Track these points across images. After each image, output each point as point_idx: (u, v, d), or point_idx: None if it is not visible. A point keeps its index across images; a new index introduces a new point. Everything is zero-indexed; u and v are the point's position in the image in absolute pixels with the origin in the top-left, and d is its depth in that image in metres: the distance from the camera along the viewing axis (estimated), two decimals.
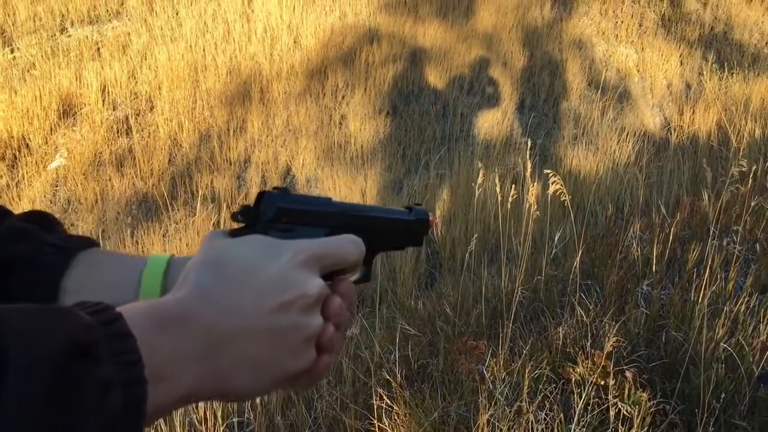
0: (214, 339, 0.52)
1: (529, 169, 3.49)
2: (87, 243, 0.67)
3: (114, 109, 7.06)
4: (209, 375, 0.52)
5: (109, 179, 6.30)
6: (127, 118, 6.94)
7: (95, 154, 6.54)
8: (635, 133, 6.21)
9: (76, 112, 6.76)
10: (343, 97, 6.91)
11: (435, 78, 7.00)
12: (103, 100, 6.92)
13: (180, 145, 6.62)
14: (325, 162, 6.31)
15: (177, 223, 5.48)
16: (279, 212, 0.60)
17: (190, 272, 0.56)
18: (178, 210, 5.69)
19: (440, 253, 4.88)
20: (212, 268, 0.56)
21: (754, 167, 3.01)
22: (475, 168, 5.61)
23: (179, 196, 5.96)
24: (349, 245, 0.63)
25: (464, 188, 5.37)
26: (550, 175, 2.77)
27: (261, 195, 0.61)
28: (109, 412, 0.42)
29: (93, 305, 0.46)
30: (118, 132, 6.66)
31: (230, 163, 6.34)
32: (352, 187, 5.84)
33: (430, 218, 0.78)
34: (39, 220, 0.67)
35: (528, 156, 3.49)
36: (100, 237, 5.47)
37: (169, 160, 6.51)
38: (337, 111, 6.80)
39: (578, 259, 3.10)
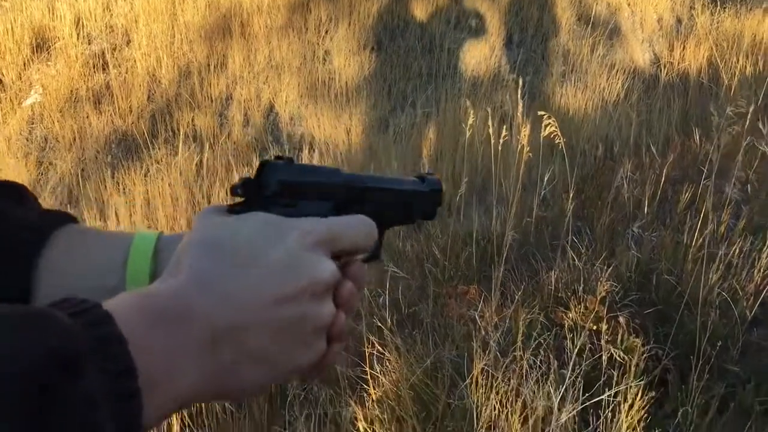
0: (214, 333, 0.46)
1: (520, 109, 3.40)
2: (64, 218, 0.58)
3: (89, 43, 6.82)
4: (210, 375, 0.46)
5: (87, 117, 6.13)
6: (103, 52, 6.71)
7: (71, 91, 6.35)
8: (625, 70, 6.10)
9: (50, 47, 6.52)
10: (326, 32, 6.71)
11: (420, 12, 6.80)
12: (78, 34, 6.68)
13: (159, 81, 6.43)
14: (308, 99, 6.16)
15: (158, 162, 5.35)
16: (282, 185, 0.52)
17: (184, 255, 0.49)
18: (159, 149, 5.55)
19: None
20: (210, 251, 0.49)
21: (752, 107, 2.93)
22: (462, 106, 5.50)
23: (159, 134, 5.82)
24: (361, 226, 0.56)
25: (451, 127, 5.27)
26: (545, 117, 2.69)
27: (263, 165, 0.53)
28: (98, 430, 0.35)
29: (76, 303, 0.39)
30: (94, 67, 6.45)
31: (211, 101, 6.18)
32: (337, 126, 5.72)
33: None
34: (8, 192, 0.58)
35: (519, 96, 3.39)
36: (79, 176, 5.35)
37: (148, 97, 6.33)
38: (320, 46, 6.61)
39: (571, 199, 3.05)
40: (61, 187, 5.50)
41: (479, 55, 6.44)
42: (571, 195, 3.08)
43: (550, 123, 2.60)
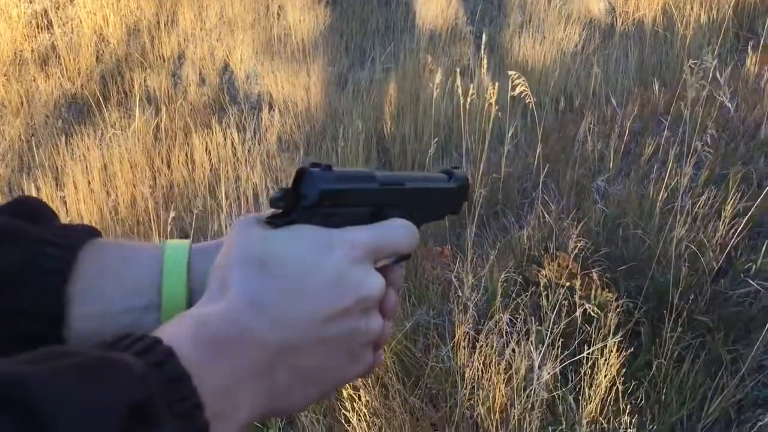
0: (269, 356, 0.45)
1: (484, 65, 3.39)
2: (88, 234, 0.55)
3: (31, 2, 6.54)
4: (266, 396, 0.45)
5: (34, 79, 5.91)
6: (46, 11, 6.45)
7: (15, 53, 6.10)
8: (581, 20, 6.11)
9: None
10: None
11: None
12: None
13: (107, 40, 6.22)
14: (264, 56, 6.03)
15: (113, 126, 5.20)
16: (322, 195, 0.51)
17: (229, 274, 0.47)
18: (112, 111, 5.39)
19: (390, 150, 4.80)
20: (258, 271, 0.47)
21: (715, 62, 2.97)
22: (422, 61, 5.46)
23: (111, 96, 5.65)
24: (402, 231, 0.56)
25: (411, 82, 5.23)
26: (515, 76, 2.68)
27: (301, 174, 0.52)
28: None
29: (136, 340, 0.38)
30: (38, 27, 6.20)
31: (164, 60, 6.00)
32: (295, 83, 5.62)
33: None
34: (26, 211, 0.54)
35: (483, 51, 3.38)
36: (31, 143, 5.17)
37: (97, 58, 6.12)
38: (274, 1, 6.45)
39: (538, 155, 3.08)
40: (11, 154, 5.31)
41: (436, 8, 6.37)
42: (538, 150, 3.10)
43: (520, 82, 2.60)
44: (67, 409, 0.31)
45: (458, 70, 3.27)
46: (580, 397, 1.96)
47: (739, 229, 2.57)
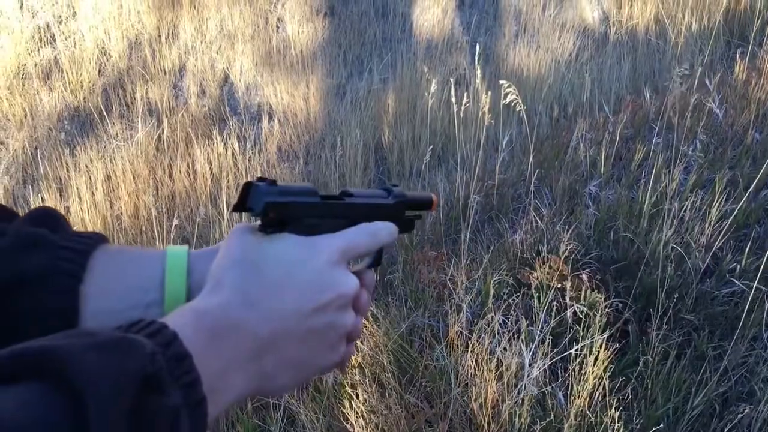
0: (258, 344, 0.53)
1: (479, 75, 3.47)
2: (98, 240, 0.63)
3: (33, 17, 6.64)
4: (255, 379, 0.54)
5: (37, 93, 6.00)
6: (48, 25, 6.55)
7: (18, 67, 6.19)
8: (575, 29, 6.21)
9: None
10: None
11: None
12: (21, 6, 6.50)
13: (109, 54, 6.31)
14: (264, 68, 6.12)
15: (115, 138, 5.29)
16: (267, 206, 0.59)
17: (226, 273, 0.56)
18: (114, 123, 5.49)
19: (388, 158, 4.88)
20: (250, 271, 0.56)
21: (699, 69, 3.06)
22: (419, 71, 5.55)
23: (114, 108, 5.74)
24: (366, 232, 0.65)
25: (408, 92, 5.32)
26: (505, 85, 2.77)
27: (247, 188, 0.60)
28: None
29: (146, 325, 0.46)
30: (41, 41, 6.29)
31: (165, 72, 6.09)
32: (294, 94, 5.72)
33: (434, 199, 0.78)
34: (45, 219, 0.63)
35: (477, 61, 3.46)
36: (35, 155, 5.25)
37: (99, 71, 6.22)
38: (273, 13, 6.55)
39: (531, 161, 3.16)
40: (15, 167, 5.40)
41: (432, 18, 6.47)
42: (531, 157, 3.19)
43: (510, 91, 2.68)
44: (94, 378, 0.38)
45: (452, 79, 3.36)
46: (569, 393, 2.04)
47: (724, 230, 2.65)
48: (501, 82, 2.77)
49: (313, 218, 0.62)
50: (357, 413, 2.09)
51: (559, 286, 2.44)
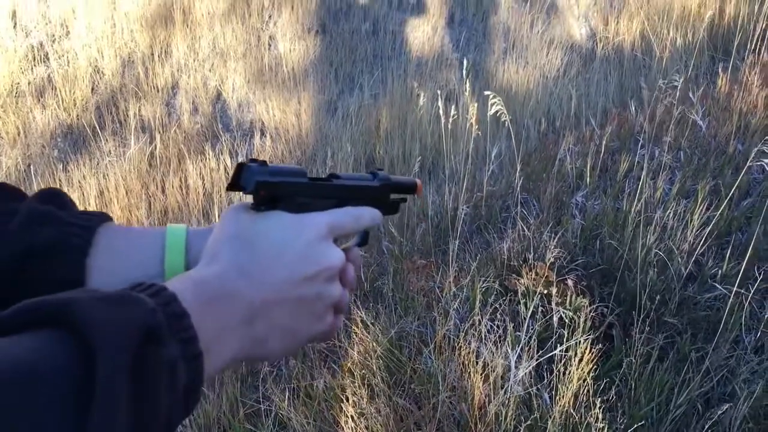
0: (251, 310, 0.58)
1: (467, 89, 3.54)
2: (102, 218, 0.68)
3: (27, 36, 6.70)
4: (248, 342, 0.58)
5: (30, 111, 6.05)
6: (42, 44, 6.61)
7: (12, 85, 6.25)
8: (563, 46, 6.31)
9: None
10: (270, 17, 6.73)
11: None
12: (14, 25, 6.57)
13: (102, 72, 6.37)
14: (256, 85, 6.19)
15: (108, 155, 5.33)
16: (258, 185, 0.63)
17: (222, 247, 0.61)
18: (107, 140, 5.53)
19: None
20: (244, 245, 0.61)
21: (682, 78, 3.13)
22: (409, 87, 5.63)
23: (107, 125, 5.79)
24: (351, 214, 0.70)
25: (399, 108, 5.39)
26: (491, 96, 2.84)
27: (240, 168, 0.65)
28: (178, 386, 0.47)
29: (148, 287, 0.50)
30: (35, 60, 6.35)
31: (158, 90, 6.15)
32: (286, 110, 5.78)
33: (418, 184, 0.83)
34: (52, 198, 0.67)
35: (465, 76, 3.53)
36: (28, 172, 5.29)
37: (93, 89, 6.27)
38: (265, 32, 6.63)
39: (518, 173, 3.22)
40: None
41: (422, 36, 6.56)
42: (518, 169, 3.25)
43: (496, 102, 2.75)
44: (101, 326, 0.42)
45: (440, 92, 3.42)
46: (555, 393, 2.08)
47: (705, 237, 2.71)
48: (486, 92, 2.84)
49: (302, 197, 0.67)
50: (347, 416, 2.13)
51: (545, 291, 2.49)
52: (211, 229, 0.67)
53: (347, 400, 2.16)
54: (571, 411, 2.00)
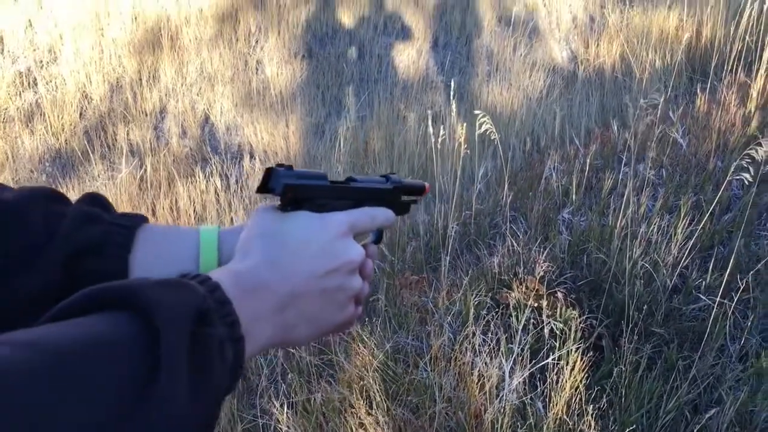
0: (282, 300, 0.65)
1: (454, 110, 3.64)
2: (141, 219, 0.75)
3: (14, 62, 6.74)
4: (279, 329, 0.65)
5: (18, 136, 6.07)
6: (29, 70, 6.65)
7: (0, 110, 6.27)
8: (545, 68, 6.45)
9: None
10: (257, 42, 6.83)
11: (348, 19, 7.00)
12: (1, 51, 6.61)
13: (90, 97, 6.42)
14: (244, 109, 6.27)
15: (97, 178, 5.37)
16: (285, 188, 0.71)
17: (253, 244, 0.68)
18: (96, 164, 5.57)
19: None
20: (273, 241, 0.68)
21: (662, 98, 3.24)
22: (396, 109, 5.73)
23: (96, 150, 5.83)
24: (368, 213, 0.78)
25: (386, 129, 5.48)
26: (480, 115, 2.92)
27: (269, 172, 0.72)
28: (226, 364, 0.53)
29: (195, 276, 0.57)
30: (23, 85, 6.39)
31: (146, 114, 6.21)
32: (274, 133, 5.85)
33: (427, 186, 0.90)
34: (96, 202, 0.74)
35: (452, 96, 3.63)
36: None
37: (81, 114, 6.31)
38: (252, 56, 6.72)
39: (506, 191, 3.30)
40: None
41: (407, 59, 6.68)
42: (506, 188, 3.33)
43: (485, 120, 2.83)
44: (162, 307, 0.48)
45: (430, 112, 3.51)
46: (548, 402, 2.14)
47: (689, 250, 2.80)
48: (475, 111, 2.93)
49: (323, 199, 0.74)
50: (346, 428, 2.17)
51: (535, 304, 2.56)
52: (240, 228, 0.74)
53: (347, 411, 2.21)
54: (565, 418, 2.06)
